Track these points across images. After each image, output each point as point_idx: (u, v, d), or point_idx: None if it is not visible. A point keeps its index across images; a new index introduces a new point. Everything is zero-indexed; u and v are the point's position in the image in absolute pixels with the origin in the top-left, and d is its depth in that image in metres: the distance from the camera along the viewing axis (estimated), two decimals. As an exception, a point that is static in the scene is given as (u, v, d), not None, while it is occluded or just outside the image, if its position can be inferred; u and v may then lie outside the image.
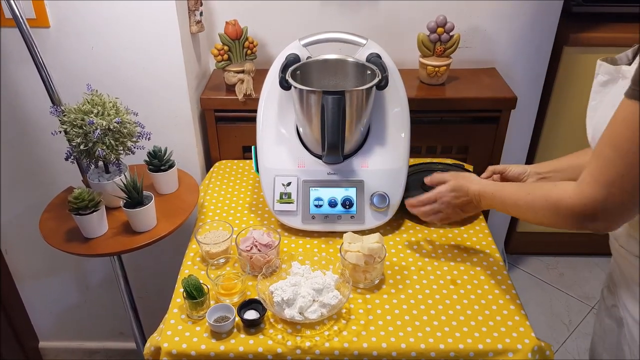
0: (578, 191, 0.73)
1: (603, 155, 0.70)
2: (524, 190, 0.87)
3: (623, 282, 0.88)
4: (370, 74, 1.17)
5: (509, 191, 0.91)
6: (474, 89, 1.46)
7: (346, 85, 1.23)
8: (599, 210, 0.71)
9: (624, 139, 0.66)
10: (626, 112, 0.66)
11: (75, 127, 1.08)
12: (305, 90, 1.10)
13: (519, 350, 0.92)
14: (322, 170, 1.20)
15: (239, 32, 1.39)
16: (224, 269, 1.10)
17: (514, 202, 0.88)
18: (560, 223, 0.79)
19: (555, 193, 0.78)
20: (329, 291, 0.99)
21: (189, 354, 0.93)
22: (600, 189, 0.70)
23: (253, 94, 1.40)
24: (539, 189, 0.84)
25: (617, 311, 0.92)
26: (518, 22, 1.51)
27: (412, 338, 0.94)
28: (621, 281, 0.89)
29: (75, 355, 1.89)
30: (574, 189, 0.74)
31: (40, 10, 1.22)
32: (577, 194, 0.73)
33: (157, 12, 1.24)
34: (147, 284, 1.71)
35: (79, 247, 1.11)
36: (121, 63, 1.31)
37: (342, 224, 1.18)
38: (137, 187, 1.11)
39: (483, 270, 1.10)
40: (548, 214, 0.79)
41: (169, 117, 1.40)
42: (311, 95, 1.10)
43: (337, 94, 1.06)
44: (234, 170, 1.46)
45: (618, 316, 0.91)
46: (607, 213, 0.71)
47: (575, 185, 0.74)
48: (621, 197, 0.69)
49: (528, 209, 0.85)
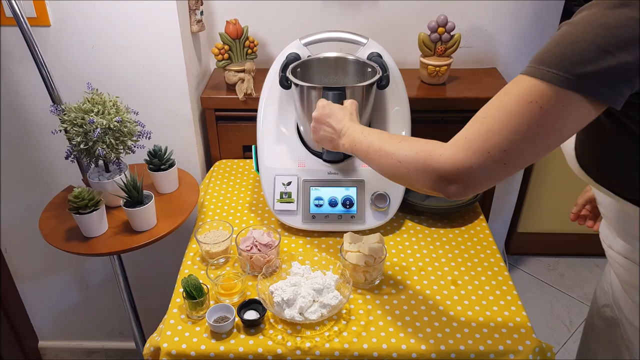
0: (452, 153, 0.69)
1: (486, 124, 0.66)
2: (396, 138, 0.83)
3: (617, 283, 0.88)
4: (370, 71, 1.17)
5: (379, 134, 0.87)
6: (474, 89, 1.45)
7: (347, 83, 1.23)
8: (465, 176, 0.69)
9: (513, 115, 0.64)
10: (521, 88, 0.64)
11: (75, 126, 1.08)
12: (306, 86, 1.10)
13: (520, 351, 0.92)
14: (323, 170, 1.19)
15: (239, 31, 1.39)
16: (224, 269, 1.10)
17: (379, 146, 0.82)
18: (417, 179, 0.75)
19: (427, 148, 0.73)
20: (329, 291, 0.98)
21: (188, 354, 0.93)
22: (475, 157, 0.67)
23: (253, 94, 1.40)
24: (413, 140, 0.78)
25: (608, 311, 0.91)
26: (519, 22, 1.51)
27: (412, 339, 0.94)
28: (615, 282, 0.88)
29: (74, 354, 1.89)
30: (446, 150, 0.70)
31: (41, 9, 1.22)
32: (451, 155, 0.69)
33: (158, 12, 1.24)
34: (147, 284, 1.71)
35: (79, 247, 1.11)
36: (122, 62, 1.31)
37: (343, 224, 1.18)
38: (137, 187, 1.11)
39: (484, 271, 1.10)
40: (412, 167, 0.75)
41: (169, 117, 1.40)
42: (312, 92, 1.10)
43: (338, 90, 1.05)
44: (234, 170, 1.45)
45: (609, 316, 0.91)
46: (470, 181, 0.69)
47: (447, 146, 0.71)
48: (494, 170, 0.67)
49: (391, 156, 0.79)
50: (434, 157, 0.71)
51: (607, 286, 0.93)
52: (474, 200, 1.26)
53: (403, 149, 0.77)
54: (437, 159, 0.71)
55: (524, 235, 2.21)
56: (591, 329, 0.99)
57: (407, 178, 0.77)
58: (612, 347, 0.91)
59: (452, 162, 0.69)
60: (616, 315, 0.89)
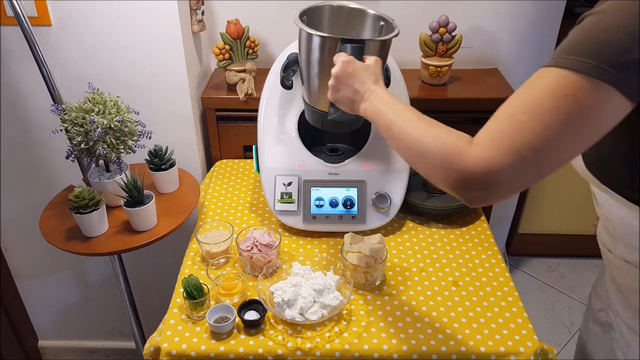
0: (478, 153, 0.61)
1: (516, 120, 0.60)
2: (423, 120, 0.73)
3: (613, 287, 0.87)
4: (384, 25, 1.05)
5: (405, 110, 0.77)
6: (476, 90, 1.45)
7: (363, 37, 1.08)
8: (492, 180, 0.61)
9: (546, 110, 0.58)
10: (551, 80, 0.59)
11: (76, 126, 1.08)
12: (321, 36, 0.95)
13: (521, 353, 0.92)
14: (324, 170, 1.19)
15: (240, 31, 1.38)
16: (224, 269, 1.10)
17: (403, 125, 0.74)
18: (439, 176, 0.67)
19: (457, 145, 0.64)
20: (330, 292, 0.98)
21: (188, 355, 0.93)
22: (505, 157, 0.59)
23: (254, 94, 1.40)
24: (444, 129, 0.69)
25: (603, 315, 0.90)
26: (520, 22, 1.50)
27: (413, 340, 0.94)
28: (612, 285, 0.87)
29: (74, 354, 1.89)
30: (474, 151, 0.62)
31: (42, 9, 1.22)
32: (477, 156, 0.61)
33: (159, 11, 1.24)
34: (147, 284, 1.71)
35: (79, 246, 1.11)
36: (122, 62, 1.31)
37: (343, 225, 1.17)
38: (137, 186, 1.11)
39: (485, 272, 1.10)
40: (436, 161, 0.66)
41: (170, 116, 1.39)
42: (325, 43, 0.95)
43: (358, 43, 0.90)
44: (234, 170, 1.45)
45: (604, 320, 0.90)
46: (497, 185, 0.61)
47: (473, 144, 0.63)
48: (525, 173, 0.60)
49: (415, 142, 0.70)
50: (463, 157, 0.63)
51: (602, 290, 0.92)
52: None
53: (430, 137, 0.68)
54: (465, 158, 0.63)
55: (525, 236, 2.21)
56: (587, 333, 0.98)
57: (428, 170, 0.69)
58: (607, 351, 0.90)
59: (485, 162, 0.61)
60: (611, 320, 0.88)
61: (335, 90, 0.88)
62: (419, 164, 0.71)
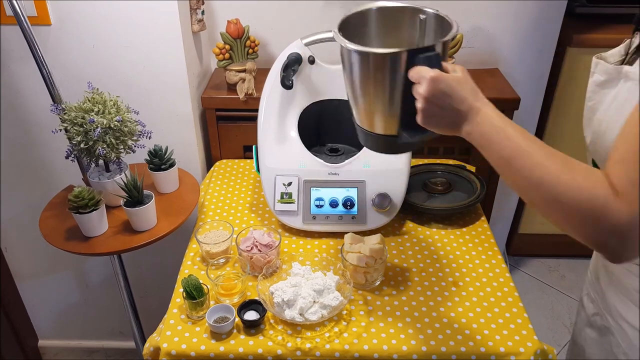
0: (630, 208, 0.56)
1: None
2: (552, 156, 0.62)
3: (611, 289, 0.85)
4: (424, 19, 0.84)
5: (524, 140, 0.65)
6: (476, 90, 1.45)
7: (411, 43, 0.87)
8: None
9: None
10: None
11: (75, 126, 1.08)
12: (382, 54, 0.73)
13: (521, 353, 0.92)
14: (324, 170, 1.19)
15: (240, 31, 1.38)
16: (224, 269, 1.10)
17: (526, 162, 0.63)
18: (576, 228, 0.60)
19: (602, 193, 0.58)
20: (330, 292, 0.98)
21: (188, 355, 0.93)
22: None
23: (254, 93, 1.40)
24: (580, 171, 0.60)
25: (599, 320, 0.90)
26: (521, 22, 1.50)
27: (413, 340, 0.94)
28: (609, 288, 0.86)
29: (74, 354, 1.89)
30: (622, 201, 0.57)
31: (42, 8, 1.22)
32: (631, 211, 0.56)
33: (159, 11, 1.24)
34: (147, 284, 1.71)
35: (79, 246, 1.11)
36: (122, 61, 1.31)
37: (343, 225, 1.17)
38: (137, 186, 1.10)
39: (485, 272, 1.10)
40: (575, 212, 0.59)
41: (169, 116, 1.39)
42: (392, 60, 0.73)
43: (430, 51, 0.72)
44: (234, 170, 1.45)
45: (600, 325, 0.89)
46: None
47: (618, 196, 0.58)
48: None
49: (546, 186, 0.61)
50: (611, 212, 0.57)
51: (595, 294, 0.91)
52: (476, 201, 1.25)
53: (565, 185, 0.60)
54: (615, 215, 0.57)
55: (525, 237, 2.20)
56: (583, 339, 0.96)
57: (564, 222, 0.61)
58: (607, 355, 0.89)
59: (634, 220, 0.56)
60: (609, 324, 0.87)
61: (428, 116, 0.72)
62: (552, 214, 0.63)
